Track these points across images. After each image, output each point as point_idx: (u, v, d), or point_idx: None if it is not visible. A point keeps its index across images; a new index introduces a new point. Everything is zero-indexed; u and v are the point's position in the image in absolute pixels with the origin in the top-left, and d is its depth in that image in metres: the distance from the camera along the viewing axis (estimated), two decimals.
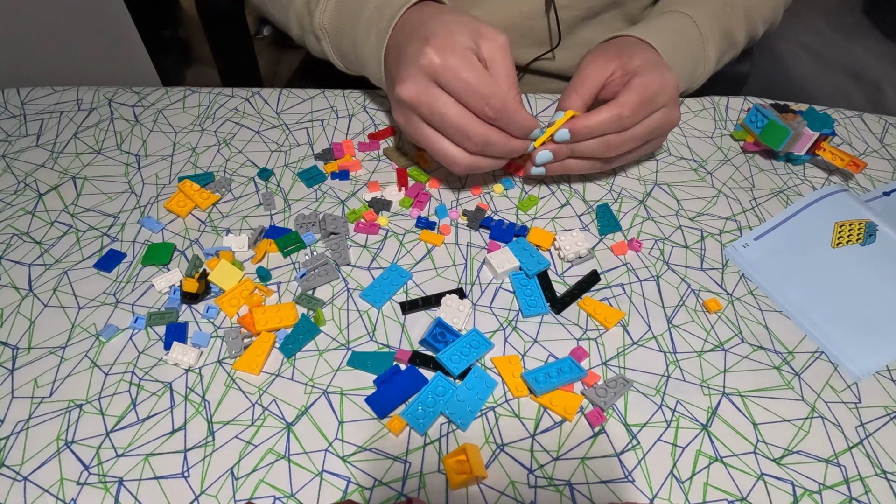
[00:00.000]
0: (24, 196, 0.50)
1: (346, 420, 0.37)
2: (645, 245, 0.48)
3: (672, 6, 0.55)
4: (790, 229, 0.49)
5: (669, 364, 0.41)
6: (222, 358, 0.40)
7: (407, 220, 0.49)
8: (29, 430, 0.37)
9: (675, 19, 0.53)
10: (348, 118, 0.58)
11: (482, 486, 0.35)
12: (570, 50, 0.64)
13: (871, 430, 0.38)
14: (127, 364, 0.40)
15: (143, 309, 0.43)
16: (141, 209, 0.49)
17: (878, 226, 0.47)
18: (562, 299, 0.44)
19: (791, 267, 0.46)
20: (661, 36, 0.50)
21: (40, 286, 0.44)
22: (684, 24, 0.53)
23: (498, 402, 0.38)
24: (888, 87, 0.98)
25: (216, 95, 0.60)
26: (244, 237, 0.46)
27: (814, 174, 0.55)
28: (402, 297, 0.44)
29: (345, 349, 0.41)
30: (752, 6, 0.58)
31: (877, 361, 0.41)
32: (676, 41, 0.51)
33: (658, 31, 0.50)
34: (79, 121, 0.57)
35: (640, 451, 0.37)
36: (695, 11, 0.54)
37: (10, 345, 0.41)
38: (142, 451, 0.36)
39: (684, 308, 0.44)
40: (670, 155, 0.56)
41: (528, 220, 0.49)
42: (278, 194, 0.51)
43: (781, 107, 0.56)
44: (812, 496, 0.35)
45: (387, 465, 0.36)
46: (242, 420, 0.37)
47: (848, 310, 0.44)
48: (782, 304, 0.44)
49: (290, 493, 0.34)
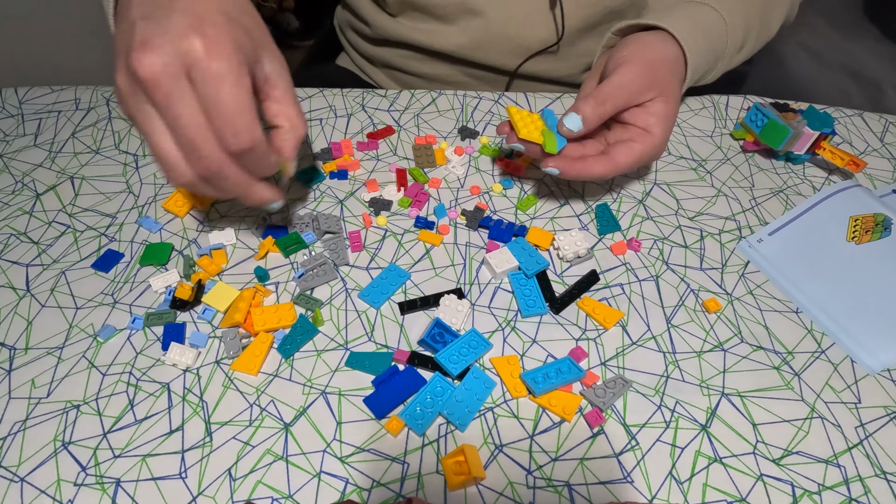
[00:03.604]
0: (22, 196, 0.50)
1: (345, 421, 0.37)
2: (644, 245, 0.48)
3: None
4: (805, 224, 0.49)
5: (669, 364, 0.41)
6: (220, 358, 0.40)
7: (406, 219, 0.49)
8: (26, 431, 0.36)
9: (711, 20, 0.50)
10: (347, 117, 0.58)
11: (480, 487, 0.35)
12: (570, 60, 0.64)
13: (871, 430, 0.38)
14: (125, 364, 0.40)
15: (141, 309, 0.42)
16: (139, 209, 0.49)
17: (894, 220, 0.47)
18: (561, 299, 0.43)
19: (807, 261, 0.47)
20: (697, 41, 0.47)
21: (38, 286, 0.44)
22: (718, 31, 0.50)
23: (496, 403, 0.38)
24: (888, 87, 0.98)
25: None
26: (229, 230, 0.47)
27: (814, 173, 0.55)
28: (401, 297, 0.44)
29: (343, 349, 0.41)
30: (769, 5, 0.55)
31: (894, 356, 0.41)
32: (706, 50, 0.49)
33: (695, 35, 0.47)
34: (77, 120, 0.57)
35: (639, 452, 0.36)
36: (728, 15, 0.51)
37: (7, 345, 0.40)
38: (139, 451, 0.36)
39: (684, 308, 0.44)
40: (670, 154, 0.56)
41: (527, 220, 0.49)
42: None
43: (781, 106, 0.56)
44: (811, 497, 0.35)
45: (385, 466, 0.35)
46: (240, 421, 0.37)
47: (865, 303, 0.44)
48: (798, 299, 0.45)
49: (287, 494, 0.34)
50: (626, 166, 0.44)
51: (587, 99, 0.42)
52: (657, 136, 0.44)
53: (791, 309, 0.44)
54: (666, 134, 0.44)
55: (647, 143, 0.44)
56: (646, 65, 0.44)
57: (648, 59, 0.44)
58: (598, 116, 0.43)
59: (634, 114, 0.45)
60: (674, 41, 0.46)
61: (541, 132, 0.43)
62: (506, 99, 0.60)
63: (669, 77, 0.45)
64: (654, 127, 0.44)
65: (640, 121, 0.44)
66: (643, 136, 0.44)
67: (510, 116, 0.44)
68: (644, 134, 0.44)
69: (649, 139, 0.44)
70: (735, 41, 0.52)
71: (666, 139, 0.45)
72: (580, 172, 0.43)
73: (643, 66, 0.44)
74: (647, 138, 0.44)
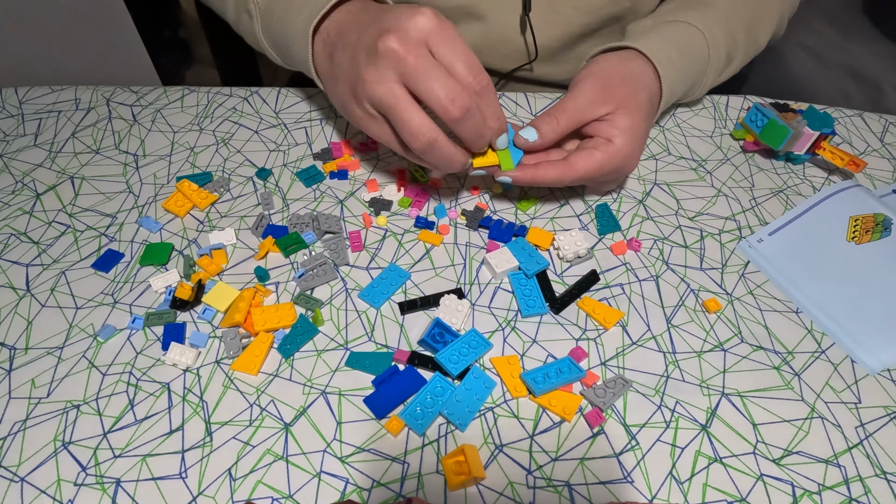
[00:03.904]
0: (22, 196, 0.50)
1: (345, 420, 0.37)
2: (644, 245, 0.48)
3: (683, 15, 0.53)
4: (805, 224, 0.49)
5: (669, 364, 0.41)
6: (220, 358, 0.40)
7: (406, 219, 0.49)
8: (26, 431, 0.36)
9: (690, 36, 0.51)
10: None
11: (481, 487, 0.35)
12: (569, 63, 0.64)
13: (871, 430, 0.38)
14: (125, 364, 0.40)
15: (141, 309, 0.42)
16: (139, 209, 0.49)
17: (894, 220, 0.47)
18: (561, 299, 0.43)
19: (807, 261, 0.47)
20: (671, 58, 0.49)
21: (38, 286, 0.44)
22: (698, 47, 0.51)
23: (497, 403, 0.38)
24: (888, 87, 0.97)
25: (214, 95, 0.60)
26: (230, 230, 0.47)
27: (814, 174, 0.55)
28: (401, 297, 0.44)
29: (343, 349, 0.41)
30: (757, 19, 0.56)
31: (894, 356, 0.41)
32: (684, 67, 0.50)
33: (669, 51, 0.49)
34: (77, 120, 0.57)
35: (639, 452, 0.36)
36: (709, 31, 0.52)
37: (7, 345, 0.40)
38: (139, 451, 0.36)
39: (684, 308, 0.44)
40: (669, 154, 0.56)
41: (527, 220, 0.49)
42: (277, 194, 0.51)
43: (781, 106, 0.56)
44: (812, 497, 0.35)
45: (385, 466, 0.35)
46: (240, 420, 0.37)
47: (865, 303, 0.44)
48: (798, 299, 0.45)
49: (288, 494, 0.34)
50: (585, 172, 0.44)
51: (543, 115, 0.45)
52: (619, 146, 0.44)
53: (791, 309, 0.44)
54: (629, 145, 0.45)
55: (608, 152, 0.44)
56: (600, 80, 0.46)
57: (604, 75, 0.46)
58: (552, 131, 0.44)
59: (597, 127, 0.45)
60: (645, 59, 0.48)
61: (496, 154, 0.43)
62: (506, 99, 0.60)
63: (629, 91, 0.46)
64: (617, 137, 0.44)
65: (602, 132, 0.45)
66: (605, 145, 0.44)
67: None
68: (606, 143, 0.44)
69: (611, 148, 0.44)
70: (718, 56, 0.53)
71: (632, 151, 0.45)
72: (533, 177, 0.44)
73: (597, 80, 0.46)
74: (609, 147, 0.44)
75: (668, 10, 0.56)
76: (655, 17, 0.56)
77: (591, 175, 0.44)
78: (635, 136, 0.45)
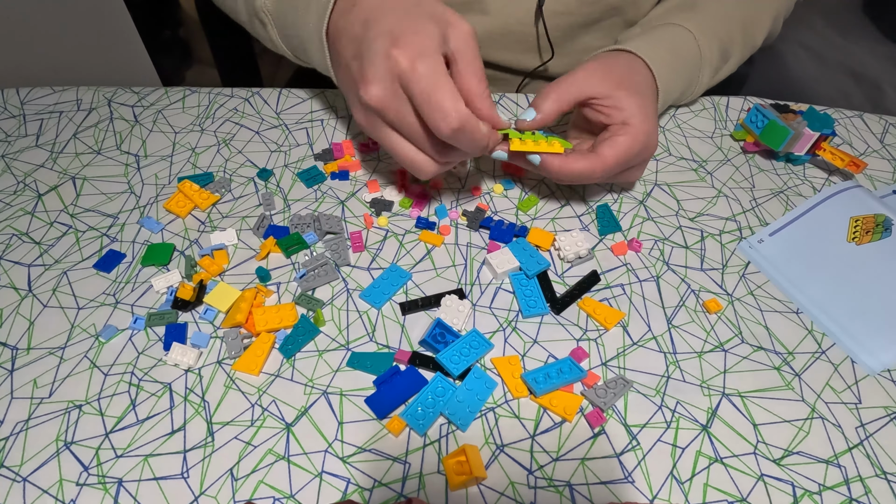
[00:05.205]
0: (24, 196, 0.50)
1: (346, 421, 0.37)
2: (645, 245, 0.48)
3: (671, 17, 0.54)
4: (805, 225, 0.49)
5: (669, 364, 0.41)
6: (222, 358, 0.40)
7: (407, 220, 0.49)
8: (28, 431, 0.37)
9: (679, 36, 0.52)
10: (348, 118, 0.58)
11: (482, 487, 0.35)
12: (570, 56, 0.64)
13: (872, 430, 0.38)
14: (126, 365, 0.40)
15: (143, 309, 0.43)
16: (140, 209, 0.49)
17: (894, 221, 0.48)
18: (562, 300, 0.44)
19: (808, 262, 0.47)
20: (662, 58, 0.49)
21: (40, 287, 0.44)
22: (688, 46, 0.52)
23: (498, 403, 0.38)
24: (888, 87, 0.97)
25: (216, 95, 0.60)
26: (231, 231, 0.47)
27: (814, 174, 0.55)
28: (402, 297, 0.44)
29: (344, 350, 0.41)
30: (750, 20, 0.57)
31: (894, 356, 0.41)
32: (677, 66, 0.51)
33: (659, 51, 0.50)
34: (78, 121, 0.57)
35: (639, 452, 0.37)
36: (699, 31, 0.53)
37: (9, 345, 0.41)
38: (141, 451, 0.36)
39: (684, 308, 0.44)
40: (670, 155, 0.56)
41: (527, 221, 0.49)
42: (278, 195, 0.51)
43: (781, 107, 0.56)
44: (812, 497, 0.35)
45: (386, 466, 0.36)
46: (242, 421, 0.37)
47: (865, 304, 0.44)
48: (798, 299, 0.45)
49: (289, 494, 0.34)
50: (615, 159, 0.43)
51: (539, 94, 0.45)
52: (638, 125, 0.44)
53: (791, 309, 0.44)
54: (647, 123, 0.44)
55: (630, 133, 0.44)
56: (597, 62, 0.47)
57: (602, 60, 0.47)
58: (549, 107, 0.44)
59: (608, 115, 0.45)
60: (638, 59, 0.49)
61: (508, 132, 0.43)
62: (506, 100, 0.60)
63: (627, 73, 0.46)
64: (632, 118, 0.44)
65: (615, 117, 0.45)
66: (624, 129, 0.44)
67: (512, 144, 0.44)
68: (624, 126, 0.44)
69: (631, 130, 0.44)
70: (711, 54, 0.53)
71: (652, 128, 0.45)
72: (562, 164, 0.43)
73: (594, 62, 0.47)
74: (629, 129, 0.44)
75: (656, 16, 0.57)
76: (644, 24, 0.57)
77: (622, 160, 0.44)
78: (648, 114, 0.45)
